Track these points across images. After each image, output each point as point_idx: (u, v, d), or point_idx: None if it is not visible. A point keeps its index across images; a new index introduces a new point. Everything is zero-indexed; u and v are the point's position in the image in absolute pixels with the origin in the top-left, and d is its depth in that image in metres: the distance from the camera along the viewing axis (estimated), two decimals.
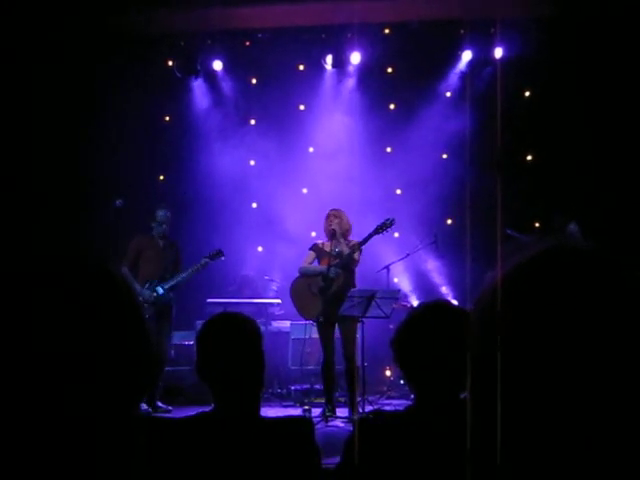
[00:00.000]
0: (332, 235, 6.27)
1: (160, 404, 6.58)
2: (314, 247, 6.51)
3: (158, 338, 6.55)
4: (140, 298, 6.45)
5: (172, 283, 6.69)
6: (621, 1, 7.09)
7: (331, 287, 6.16)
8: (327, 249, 6.35)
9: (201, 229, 7.77)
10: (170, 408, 6.54)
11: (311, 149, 8.75)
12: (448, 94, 8.55)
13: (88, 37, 7.69)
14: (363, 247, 6.28)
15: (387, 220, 6.32)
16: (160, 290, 6.64)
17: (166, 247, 6.85)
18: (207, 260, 6.78)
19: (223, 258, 6.91)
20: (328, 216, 6.40)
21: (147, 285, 6.62)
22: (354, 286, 6.23)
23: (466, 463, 0.78)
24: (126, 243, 6.81)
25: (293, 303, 6.47)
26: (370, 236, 6.26)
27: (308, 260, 6.47)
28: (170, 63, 8.50)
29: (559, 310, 0.76)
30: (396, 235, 7.62)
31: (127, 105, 7.87)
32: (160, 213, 6.82)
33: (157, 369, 6.24)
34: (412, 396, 2.01)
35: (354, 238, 6.41)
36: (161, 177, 8.71)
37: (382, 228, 6.28)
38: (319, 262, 6.43)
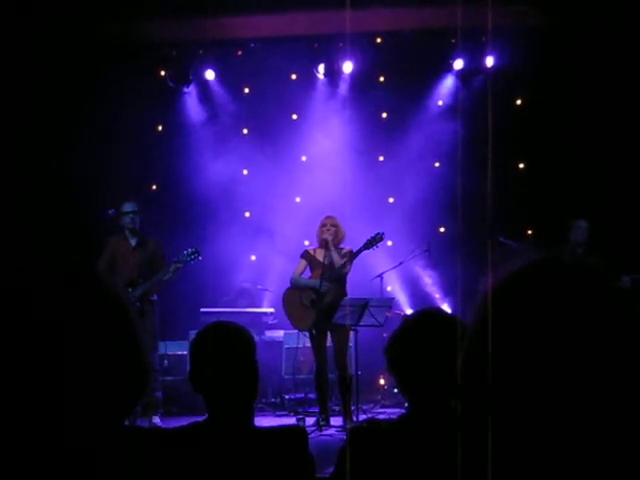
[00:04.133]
0: (325, 245, 6.26)
1: (156, 420, 6.20)
2: (305, 255, 6.50)
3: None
4: None
5: (143, 289, 6.20)
6: (611, 10, 7.15)
7: (323, 300, 6.15)
8: (319, 257, 6.34)
9: (193, 238, 7.73)
10: (162, 426, 6.08)
11: (304, 158, 8.75)
12: (440, 102, 8.58)
13: (80, 46, 7.69)
14: (352, 261, 6.27)
15: (377, 235, 6.26)
16: (131, 295, 6.11)
17: (138, 247, 6.43)
18: (178, 265, 6.23)
19: (200, 258, 6.39)
20: (324, 224, 6.37)
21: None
22: (345, 294, 6.23)
23: (458, 472, 0.78)
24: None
25: (285, 314, 6.46)
26: (359, 251, 6.23)
27: (299, 269, 6.46)
28: (162, 72, 8.50)
29: (548, 321, 0.76)
30: (389, 244, 7.62)
31: (119, 115, 7.86)
32: (127, 204, 6.47)
33: (148, 379, 5.94)
34: (406, 404, 2.00)
35: (346, 245, 6.41)
36: (153, 186, 8.70)
37: (372, 243, 6.23)
38: (311, 271, 6.42)
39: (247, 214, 8.73)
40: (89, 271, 1.01)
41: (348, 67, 8.33)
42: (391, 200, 8.63)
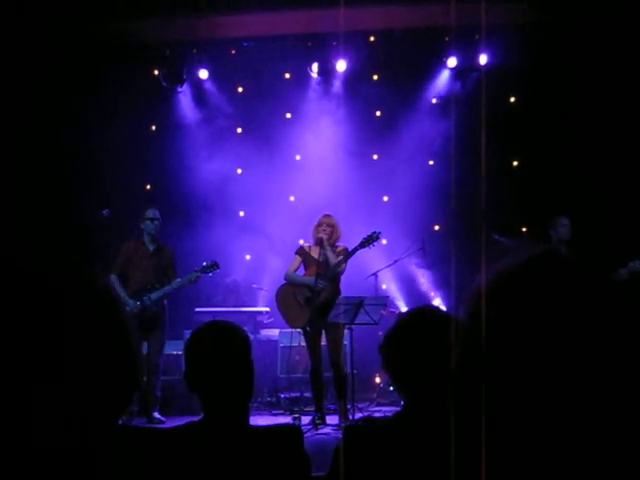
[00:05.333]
0: (320, 243, 6.26)
1: (157, 415, 6.48)
2: (300, 251, 6.49)
3: (150, 348, 6.50)
4: (127, 308, 6.35)
5: (160, 294, 6.51)
6: (604, 7, 7.16)
7: (318, 298, 6.14)
8: (313, 254, 6.34)
9: (188, 238, 7.74)
10: (164, 420, 6.41)
11: (298, 157, 8.75)
12: (434, 101, 8.59)
13: (73, 46, 7.67)
14: (347, 259, 6.26)
15: (373, 234, 6.25)
16: (146, 300, 6.45)
17: (156, 252, 6.66)
18: (198, 274, 6.57)
19: (218, 270, 6.72)
20: (320, 223, 6.35)
21: (135, 294, 6.47)
22: (339, 293, 6.22)
23: (451, 468, 0.79)
24: (113, 253, 6.72)
25: (279, 311, 6.45)
26: (355, 250, 6.21)
27: (294, 265, 6.45)
28: (156, 72, 8.49)
29: (543, 317, 0.76)
30: (384, 242, 7.62)
31: (113, 114, 7.84)
32: (152, 211, 6.69)
33: (140, 379, 6.06)
34: (402, 402, 2.01)
35: (342, 243, 6.41)
36: (148, 186, 8.69)
37: (368, 242, 6.22)
38: (306, 268, 6.41)
39: (241, 213, 8.73)
40: (79, 270, 1.01)
41: (342, 66, 8.33)
42: (385, 198, 8.63)
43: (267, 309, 7.76)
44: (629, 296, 0.78)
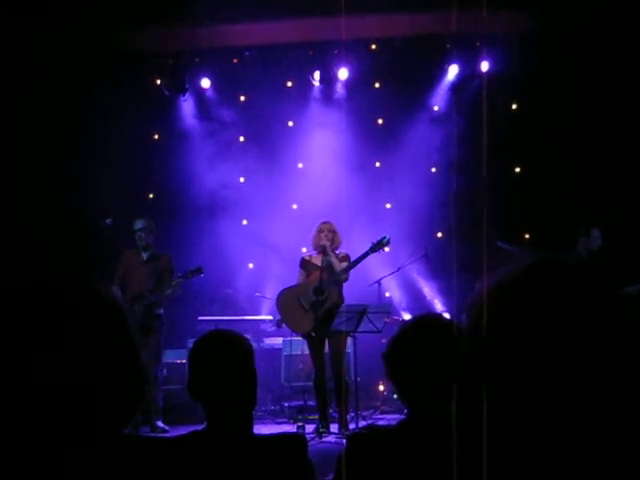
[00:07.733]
0: (323, 251, 6.25)
1: (160, 424, 6.47)
2: (302, 263, 6.50)
3: (145, 358, 6.49)
4: None
5: (150, 300, 6.44)
6: (605, 15, 7.17)
7: (325, 303, 6.12)
8: (315, 261, 6.34)
9: (191, 247, 7.74)
10: (167, 428, 6.40)
11: (300, 165, 8.77)
12: (436, 108, 8.60)
13: (75, 55, 7.69)
14: (357, 265, 6.24)
15: (383, 239, 6.23)
16: (136, 307, 6.39)
17: (149, 260, 6.65)
18: (180, 280, 6.48)
19: (202, 275, 6.57)
20: (321, 230, 6.35)
21: (130, 301, 6.41)
22: (343, 300, 6.21)
23: (454, 477, 0.78)
24: (115, 261, 6.75)
25: (281, 315, 6.43)
26: (365, 255, 6.19)
27: (301, 279, 6.46)
28: (158, 81, 8.51)
29: (546, 324, 0.76)
30: (387, 249, 7.62)
31: (116, 123, 7.87)
32: (136, 222, 6.68)
33: (145, 388, 6.07)
34: (405, 410, 2.00)
35: (343, 249, 6.40)
36: (150, 195, 8.70)
37: (378, 247, 6.21)
38: (308, 276, 6.40)
39: (244, 222, 8.73)
40: (84, 280, 1.01)
41: (343, 74, 8.35)
42: (388, 206, 8.63)
43: (270, 317, 7.76)
44: (633, 305, 0.78)
